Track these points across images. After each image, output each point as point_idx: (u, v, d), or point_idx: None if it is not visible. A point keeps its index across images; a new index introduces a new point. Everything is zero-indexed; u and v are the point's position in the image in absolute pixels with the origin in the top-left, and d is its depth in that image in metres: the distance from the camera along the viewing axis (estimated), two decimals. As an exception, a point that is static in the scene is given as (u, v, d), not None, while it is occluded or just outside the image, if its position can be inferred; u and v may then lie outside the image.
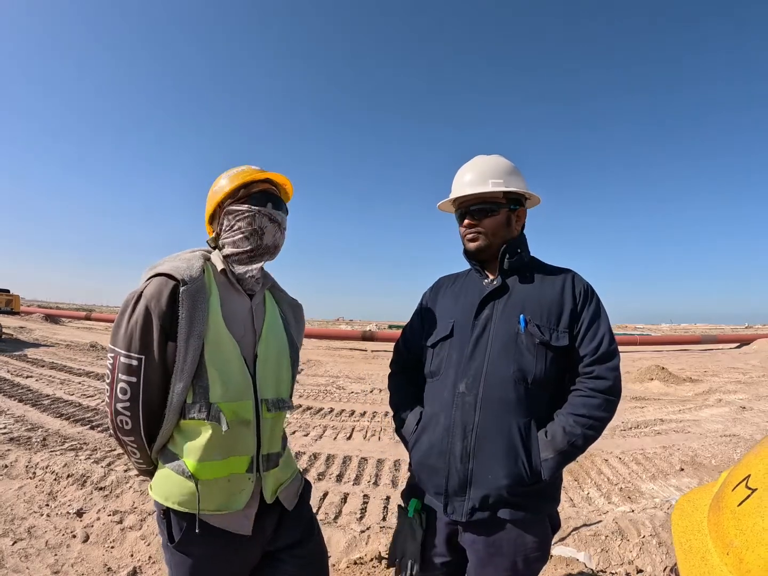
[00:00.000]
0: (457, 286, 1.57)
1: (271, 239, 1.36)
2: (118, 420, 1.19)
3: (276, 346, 1.38)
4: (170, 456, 1.23)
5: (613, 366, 1.32)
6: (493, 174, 1.44)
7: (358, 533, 2.98)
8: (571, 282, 1.40)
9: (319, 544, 1.45)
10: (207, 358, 1.20)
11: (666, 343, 22.68)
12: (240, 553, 1.26)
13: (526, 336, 1.32)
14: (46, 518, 3.10)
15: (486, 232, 1.43)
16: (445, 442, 1.34)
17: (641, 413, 7.21)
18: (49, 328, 20.64)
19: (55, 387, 7.50)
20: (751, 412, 7.17)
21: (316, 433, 5.61)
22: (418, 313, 1.62)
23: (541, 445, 1.28)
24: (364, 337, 20.01)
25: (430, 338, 1.49)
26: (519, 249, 1.45)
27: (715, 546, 0.48)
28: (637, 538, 2.95)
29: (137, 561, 2.70)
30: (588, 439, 1.28)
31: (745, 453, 1.17)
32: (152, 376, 1.18)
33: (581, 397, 1.31)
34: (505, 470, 1.26)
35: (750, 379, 11.03)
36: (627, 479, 4.32)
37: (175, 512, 1.20)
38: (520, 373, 1.30)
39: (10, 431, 4.95)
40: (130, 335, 1.16)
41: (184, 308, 1.17)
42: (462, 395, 1.33)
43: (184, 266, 1.23)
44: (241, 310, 1.33)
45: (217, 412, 1.19)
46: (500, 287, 1.41)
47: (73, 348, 13.01)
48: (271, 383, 1.34)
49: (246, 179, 1.33)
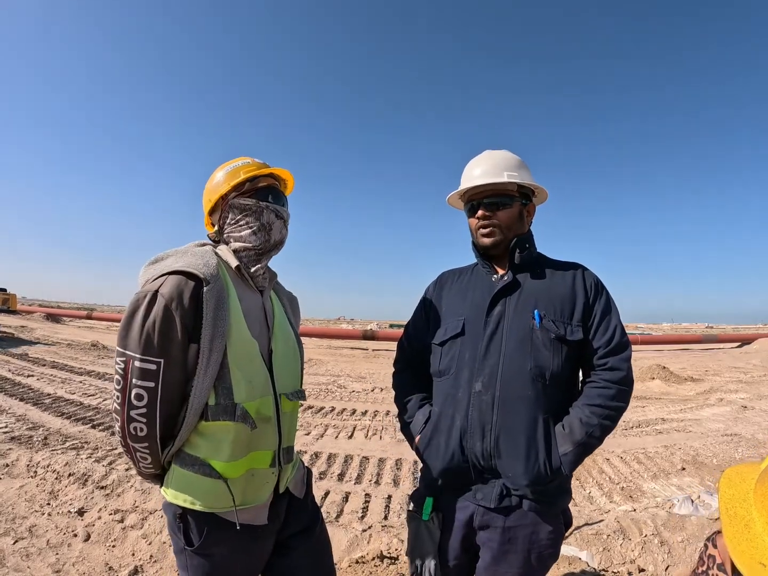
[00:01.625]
0: (463, 281, 1.53)
1: (278, 235, 1.35)
2: (131, 427, 1.12)
3: (286, 341, 1.39)
4: (188, 458, 1.18)
5: (626, 357, 1.33)
6: (507, 166, 1.42)
7: (359, 532, 2.98)
8: (582, 276, 1.40)
9: (324, 531, 1.47)
10: (230, 359, 1.17)
11: (667, 343, 22.68)
12: (258, 543, 1.26)
13: (541, 331, 1.31)
14: (47, 517, 3.10)
15: (501, 225, 1.41)
16: (464, 444, 1.32)
17: (642, 412, 7.21)
18: (50, 327, 20.66)
19: (56, 386, 7.51)
20: (752, 411, 7.16)
21: (317, 432, 5.61)
22: (422, 309, 1.58)
23: (559, 439, 1.28)
24: (365, 336, 20.01)
25: (438, 336, 1.46)
26: (528, 244, 1.44)
27: (760, 515, 0.51)
28: (638, 537, 2.95)
29: (138, 560, 2.70)
30: (605, 430, 1.28)
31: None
32: (171, 379, 1.13)
33: (597, 388, 1.31)
34: (525, 467, 1.26)
35: (751, 378, 11.02)
36: (629, 478, 4.32)
37: (193, 514, 1.17)
38: (537, 369, 1.29)
39: (12, 430, 4.96)
40: (147, 338, 1.09)
41: (209, 309, 1.13)
42: (479, 394, 1.31)
43: (201, 263, 1.18)
44: (255, 306, 1.32)
45: (243, 412, 1.17)
46: (512, 283, 1.39)
47: (74, 347, 13.02)
48: (286, 377, 1.34)
49: (254, 172, 1.31)
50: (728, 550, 0.52)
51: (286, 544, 1.35)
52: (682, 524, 3.05)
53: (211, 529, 1.17)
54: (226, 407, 1.16)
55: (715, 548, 0.62)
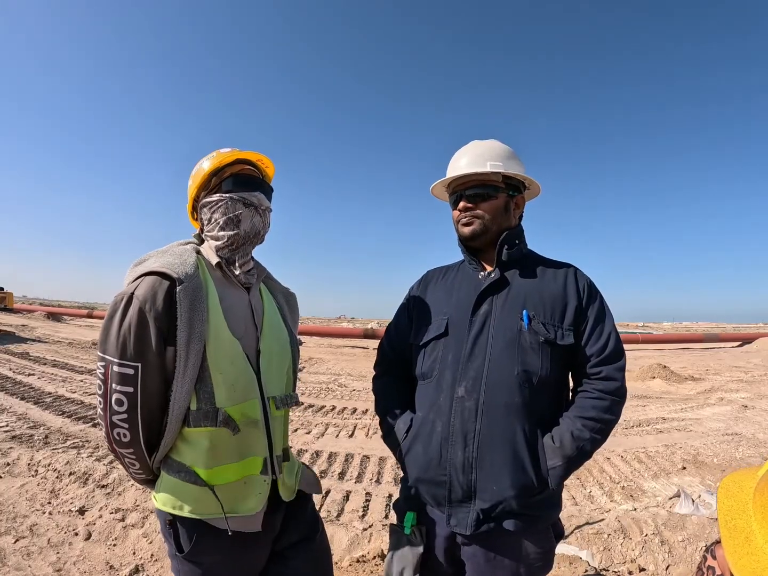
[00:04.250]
0: (448, 279, 1.46)
1: (249, 225, 1.26)
2: (115, 433, 1.10)
3: (278, 340, 1.33)
4: (175, 465, 1.16)
5: (621, 366, 1.26)
6: (492, 156, 1.35)
7: (360, 531, 2.98)
8: (574, 277, 1.33)
9: (324, 540, 1.43)
10: (210, 361, 1.13)
11: (668, 342, 22.67)
12: (250, 552, 1.22)
13: (530, 333, 1.23)
14: (48, 516, 3.10)
15: (482, 216, 1.33)
16: (444, 453, 1.24)
17: (643, 411, 7.20)
18: (51, 326, 20.67)
19: (57, 385, 7.52)
20: (753, 410, 7.15)
21: (318, 431, 5.61)
22: (405, 309, 1.50)
23: (548, 452, 1.20)
24: (366, 335, 20.01)
25: (421, 337, 1.38)
26: (517, 240, 1.37)
27: (760, 527, 0.49)
28: (639, 537, 2.95)
29: (139, 559, 2.70)
30: (596, 444, 1.22)
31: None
32: (150, 384, 1.10)
33: (590, 399, 1.24)
34: (511, 480, 1.18)
35: (752, 377, 11.00)
36: (629, 477, 4.32)
37: (182, 522, 1.14)
38: (525, 374, 1.21)
39: (12, 429, 4.96)
40: (123, 342, 1.07)
41: (183, 309, 1.09)
42: (461, 400, 1.23)
43: (177, 262, 1.14)
44: (240, 305, 1.26)
45: (225, 417, 1.13)
46: (499, 280, 1.31)
47: (75, 346, 13.03)
48: (276, 379, 1.29)
49: (214, 166, 1.24)
50: (729, 565, 0.51)
51: (283, 554, 1.31)
52: (683, 524, 3.04)
53: (201, 536, 1.14)
54: (207, 412, 1.12)
55: (714, 559, 0.61)
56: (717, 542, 0.61)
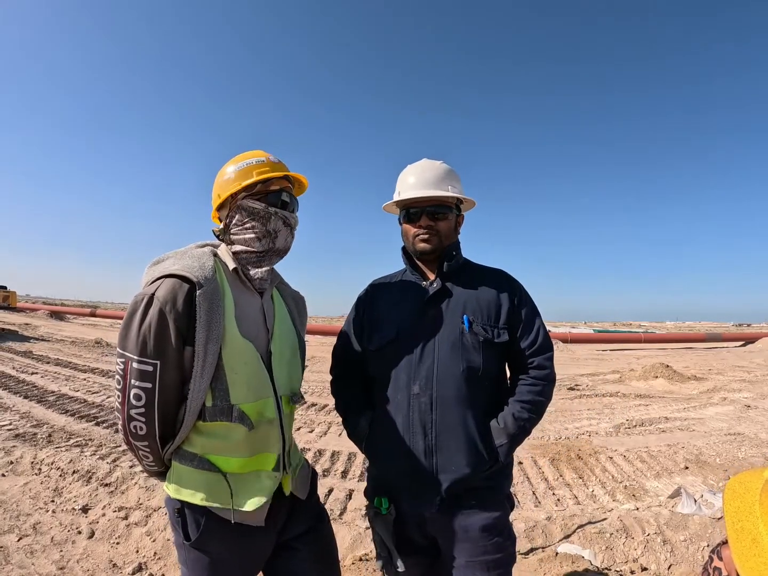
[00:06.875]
0: (394, 289, 1.59)
1: (283, 243, 1.33)
2: (132, 426, 1.15)
3: (288, 342, 1.38)
4: (188, 455, 1.21)
5: (550, 356, 1.48)
6: (451, 179, 1.52)
7: (363, 529, 2.98)
8: (507, 283, 1.52)
9: (330, 531, 1.47)
10: (225, 361, 1.18)
11: (670, 341, 22.63)
12: (255, 544, 1.26)
13: (470, 335, 1.41)
14: (51, 514, 3.12)
15: (441, 233, 1.49)
16: (406, 442, 1.40)
17: (646, 411, 7.20)
18: (54, 325, 20.76)
19: (60, 383, 7.56)
20: (755, 410, 7.14)
21: (320, 430, 5.63)
22: (356, 318, 1.62)
23: (495, 432, 1.40)
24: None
25: (374, 342, 1.50)
26: (455, 252, 1.52)
27: (767, 528, 0.50)
28: (641, 536, 2.94)
29: (142, 557, 2.72)
30: (533, 422, 1.43)
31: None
32: (168, 381, 1.15)
33: (525, 385, 1.45)
34: (467, 459, 1.37)
35: (755, 377, 10.98)
36: (631, 477, 4.31)
37: (191, 509, 1.19)
38: (469, 370, 1.39)
39: (16, 427, 4.99)
40: (143, 340, 1.11)
41: (202, 312, 1.13)
42: (417, 396, 1.40)
43: (197, 265, 1.18)
44: (253, 309, 1.31)
45: (239, 413, 1.18)
46: (441, 290, 1.48)
47: (78, 344, 13.08)
48: (286, 379, 1.34)
49: (266, 175, 1.27)
50: (736, 566, 0.51)
51: (290, 546, 1.35)
52: (685, 523, 3.04)
53: (208, 524, 1.18)
54: (222, 409, 1.18)
55: (720, 560, 0.61)
56: (723, 543, 0.61)
